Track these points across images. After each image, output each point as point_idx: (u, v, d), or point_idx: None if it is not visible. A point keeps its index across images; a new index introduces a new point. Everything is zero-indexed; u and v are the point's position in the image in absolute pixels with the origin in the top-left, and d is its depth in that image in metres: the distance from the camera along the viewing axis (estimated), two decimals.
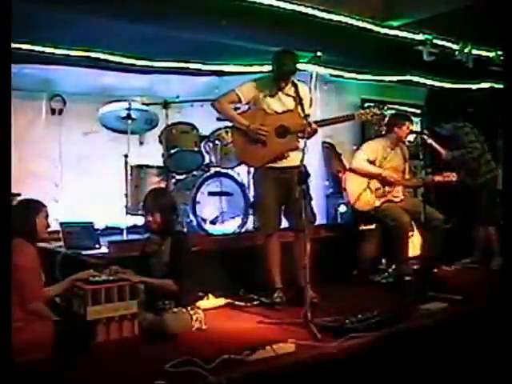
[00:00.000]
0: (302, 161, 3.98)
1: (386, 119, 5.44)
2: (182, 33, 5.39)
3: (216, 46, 5.81)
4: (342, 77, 7.00)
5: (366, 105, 7.34)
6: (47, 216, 3.55)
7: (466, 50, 6.51)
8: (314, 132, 4.31)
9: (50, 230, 3.67)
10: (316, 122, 4.33)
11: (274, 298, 4.38)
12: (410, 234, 5.29)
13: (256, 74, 6.15)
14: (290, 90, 4.35)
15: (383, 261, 5.58)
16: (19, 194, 4.57)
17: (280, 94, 4.38)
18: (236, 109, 4.56)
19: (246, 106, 4.51)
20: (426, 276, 4.83)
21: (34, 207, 3.53)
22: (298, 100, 4.24)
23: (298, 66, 4.50)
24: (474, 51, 6.60)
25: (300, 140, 4.29)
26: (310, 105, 4.46)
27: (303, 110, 4.21)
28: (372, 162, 5.27)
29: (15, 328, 3.07)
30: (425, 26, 6.23)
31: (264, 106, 4.39)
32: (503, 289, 3.43)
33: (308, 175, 4.09)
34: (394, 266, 5.32)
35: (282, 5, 5.49)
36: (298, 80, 4.45)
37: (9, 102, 2.50)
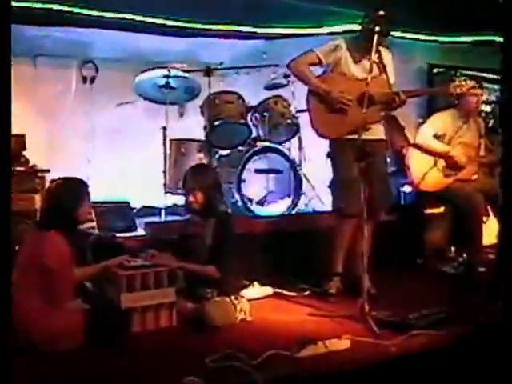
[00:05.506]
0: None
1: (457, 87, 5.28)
2: None
3: (264, 6, 5.76)
4: (407, 38, 6.83)
5: (449, 72, 7.18)
6: (89, 199, 3.47)
7: None
8: (402, 103, 4.23)
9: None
10: (405, 92, 4.22)
11: (328, 287, 4.35)
12: (485, 218, 5.18)
13: (308, 36, 6.09)
14: (373, 55, 4.19)
15: (452, 249, 5.50)
16: (48, 170, 4.67)
17: (364, 58, 4.28)
18: None
19: (323, 69, 4.40)
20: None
21: (79, 190, 3.41)
22: (382, 67, 4.14)
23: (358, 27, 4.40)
24: None
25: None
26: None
27: (388, 78, 4.13)
28: (440, 138, 5.14)
29: (45, 317, 3.17)
30: None
31: (346, 70, 4.29)
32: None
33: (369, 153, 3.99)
34: (465, 255, 5.25)
35: None
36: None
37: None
